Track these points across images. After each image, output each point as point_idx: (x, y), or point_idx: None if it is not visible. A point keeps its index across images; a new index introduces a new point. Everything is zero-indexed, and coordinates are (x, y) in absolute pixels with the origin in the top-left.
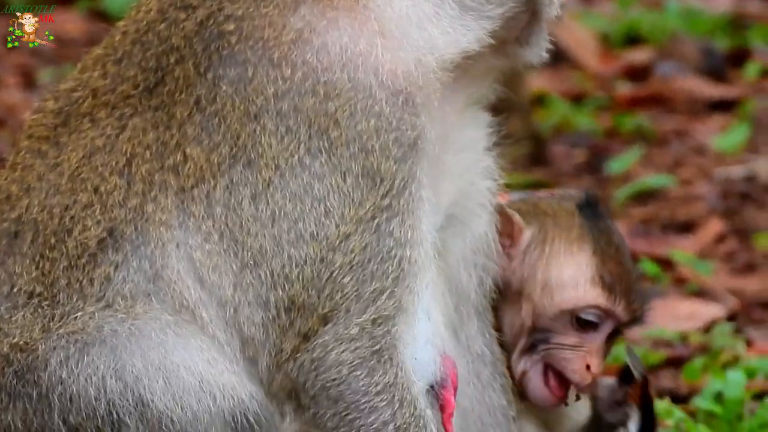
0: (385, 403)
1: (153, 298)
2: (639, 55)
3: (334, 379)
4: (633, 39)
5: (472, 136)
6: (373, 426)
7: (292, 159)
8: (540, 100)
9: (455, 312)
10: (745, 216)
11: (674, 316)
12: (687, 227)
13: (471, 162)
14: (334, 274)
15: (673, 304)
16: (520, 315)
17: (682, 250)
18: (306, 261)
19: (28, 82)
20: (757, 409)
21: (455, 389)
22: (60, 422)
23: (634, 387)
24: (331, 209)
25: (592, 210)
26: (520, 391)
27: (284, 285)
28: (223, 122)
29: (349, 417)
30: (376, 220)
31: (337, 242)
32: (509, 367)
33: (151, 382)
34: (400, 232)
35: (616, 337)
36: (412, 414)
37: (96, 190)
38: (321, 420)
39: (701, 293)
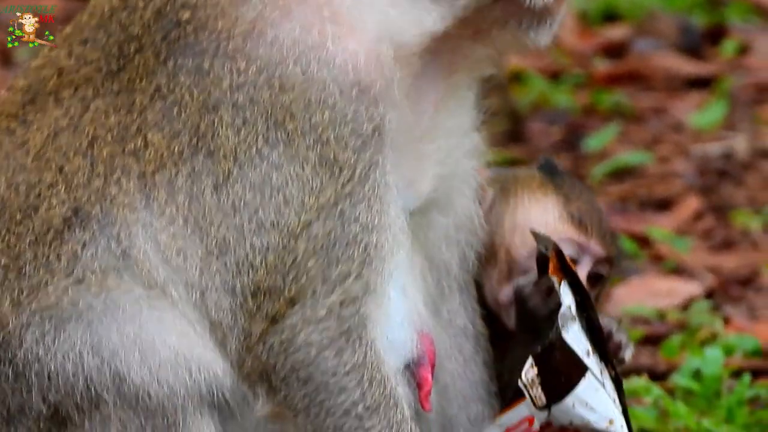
0: (354, 383)
1: (123, 274)
2: (616, 32)
3: (302, 360)
4: (610, 16)
5: (457, 123)
6: (343, 406)
7: (251, 150)
8: (517, 77)
9: (436, 287)
10: (723, 193)
11: (652, 294)
12: (664, 204)
13: (455, 147)
14: (297, 259)
15: (650, 282)
16: (497, 267)
17: (660, 227)
18: (269, 248)
19: (5, 60)
20: (735, 386)
21: (433, 367)
22: (39, 400)
23: (551, 261)
24: (291, 198)
25: (550, 169)
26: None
27: (249, 272)
28: (182, 111)
29: (319, 398)
30: (339, 207)
31: (299, 229)
32: (495, 338)
33: (127, 355)
34: (367, 217)
35: (600, 283)
36: (383, 393)
37: (60, 169)
38: (292, 401)
39: (679, 270)
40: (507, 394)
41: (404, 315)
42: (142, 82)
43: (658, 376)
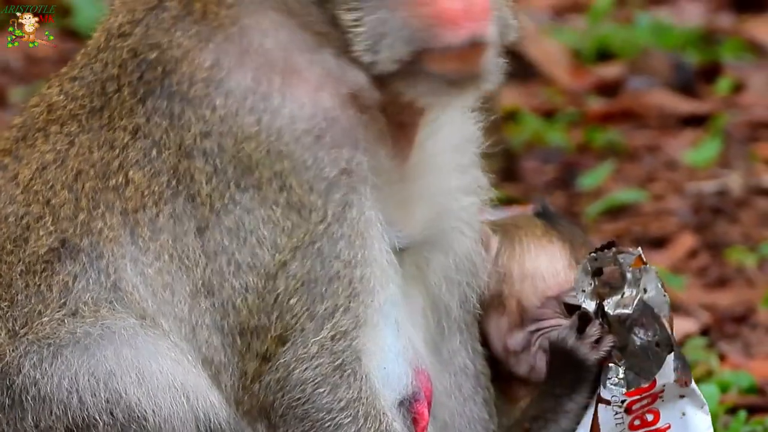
0: (349, 419)
1: (116, 305)
2: (610, 70)
3: (299, 399)
4: (604, 54)
5: (445, 160)
6: None
7: (224, 197)
8: (511, 116)
9: (437, 327)
10: (717, 230)
11: None
12: (659, 242)
13: (446, 184)
14: (279, 298)
15: None
16: (506, 316)
17: (655, 264)
18: (248, 289)
19: (0, 100)
20: (731, 422)
21: (429, 404)
22: (32, 425)
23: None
24: (263, 240)
25: (549, 215)
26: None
27: (233, 313)
28: (161, 152)
29: None
30: (317, 245)
31: (275, 270)
32: (497, 378)
33: (123, 377)
34: (349, 253)
35: None
36: (378, 429)
37: (47, 202)
38: None
39: (674, 308)
40: None
41: (399, 350)
42: (122, 120)
43: None
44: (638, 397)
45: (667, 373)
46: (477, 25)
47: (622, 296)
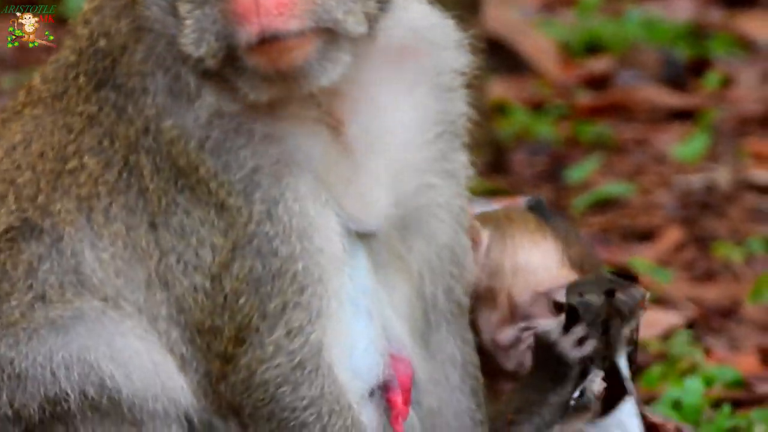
0: (314, 417)
1: (80, 287)
2: (599, 64)
3: (263, 399)
4: (593, 48)
5: (410, 138)
6: None
7: (168, 196)
8: (500, 109)
9: (423, 317)
10: (705, 224)
11: None
12: (646, 235)
13: (404, 160)
14: (228, 299)
15: None
16: (497, 310)
17: (642, 258)
18: (197, 290)
19: None
20: (715, 416)
21: (408, 391)
22: (7, 403)
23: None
24: (204, 240)
25: (541, 210)
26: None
27: (187, 311)
28: (113, 143)
29: None
30: (253, 244)
31: (218, 270)
32: (484, 371)
33: (95, 352)
34: (286, 249)
35: None
36: (344, 425)
37: (12, 181)
38: None
39: (660, 301)
40: (503, 428)
41: (370, 339)
42: (79, 106)
43: None
44: None
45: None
46: (269, 20)
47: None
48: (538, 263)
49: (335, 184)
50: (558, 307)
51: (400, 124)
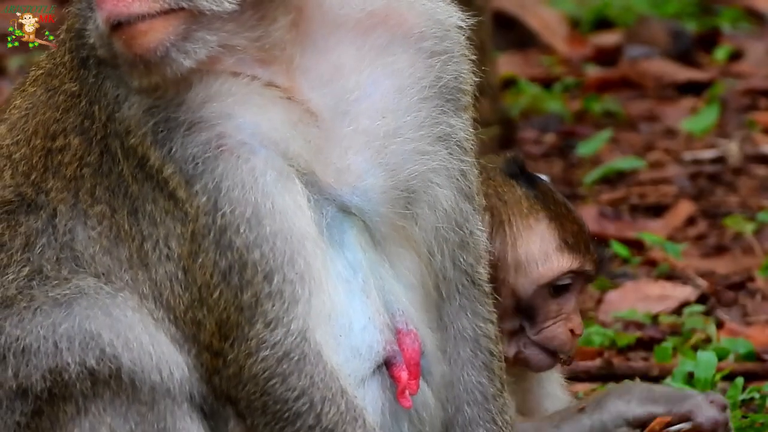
0: (306, 406)
1: (75, 264)
2: (608, 39)
3: (254, 392)
4: (602, 22)
5: (389, 104)
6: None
7: (138, 183)
8: (509, 84)
9: (436, 289)
10: (715, 198)
11: (645, 298)
12: (657, 210)
13: (386, 126)
14: (202, 292)
15: (643, 287)
16: (500, 301)
17: (652, 232)
18: (172, 280)
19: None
20: (728, 389)
21: (416, 365)
22: (12, 376)
23: None
24: (171, 231)
25: (524, 174)
26: (515, 362)
27: (168, 299)
28: (92, 123)
29: (278, 426)
30: (211, 236)
31: (190, 260)
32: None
33: (96, 323)
34: (240, 240)
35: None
36: (338, 411)
37: (9, 156)
38: (257, 430)
39: (671, 275)
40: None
41: (367, 318)
42: (65, 84)
43: (651, 380)
44: None
45: None
46: (114, 5)
47: None
48: (537, 254)
49: (301, 155)
50: (557, 290)
51: (374, 90)
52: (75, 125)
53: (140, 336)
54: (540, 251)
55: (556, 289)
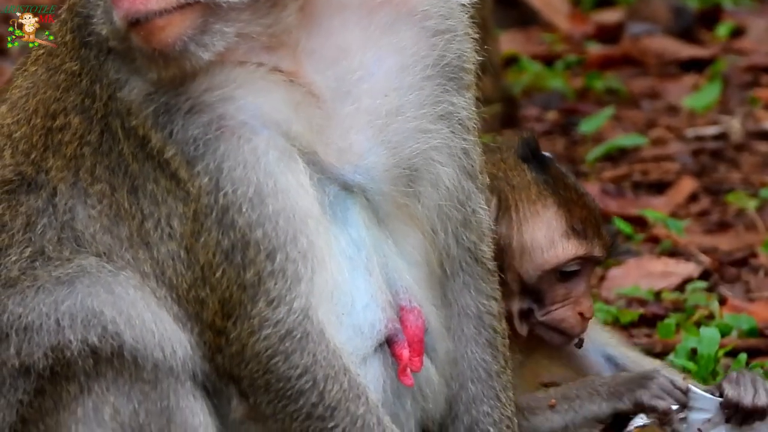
0: (309, 384)
1: (76, 244)
2: (609, 16)
3: (257, 371)
4: (604, 0)
5: (378, 81)
6: (304, 409)
7: (139, 163)
8: (511, 62)
9: (440, 266)
10: (717, 175)
11: (648, 275)
12: (659, 187)
13: (389, 104)
14: (204, 271)
15: (646, 263)
16: (506, 284)
17: (655, 209)
18: (174, 258)
19: (1, 51)
20: (731, 365)
21: (420, 342)
22: (14, 354)
23: None
24: (173, 210)
25: (536, 158)
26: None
27: (170, 276)
28: (93, 102)
29: (281, 404)
30: (214, 215)
31: (192, 240)
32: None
33: (98, 298)
34: (242, 219)
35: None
36: (341, 388)
37: (10, 135)
38: (260, 408)
39: (674, 252)
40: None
41: (370, 296)
42: (65, 63)
43: (655, 356)
44: None
45: None
46: (130, 3)
47: None
48: (543, 240)
49: (303, 135)
50: (566, 276)
51: (377, 69)
52: (75, 104)
53: (143, 313)
54: (545, 238)
55: (563, 274)
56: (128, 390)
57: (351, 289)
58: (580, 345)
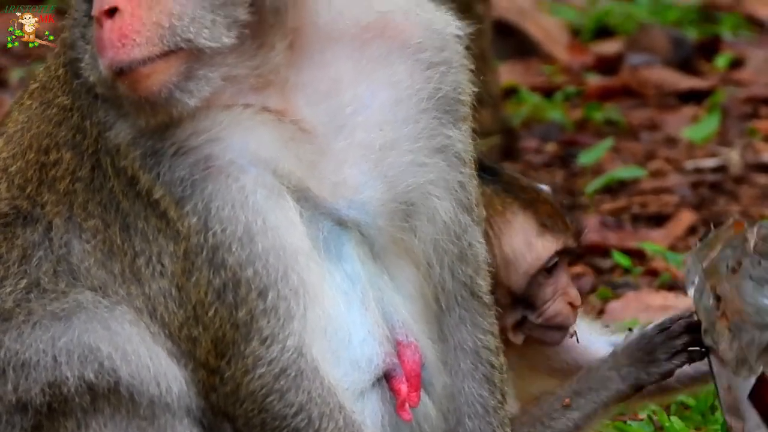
0: (305, 422)
1: (71, 277)
2: (609, 47)
3: (252, 409)
4: (603, 31)
5: (373, 114)
6: None
7: (129, 200)
8: (510, 93)
9: (436, 301)
10: (716, 207)
11: (646, 308)
12: (658, 219)
13: (384, 137)
14: (197, 311)
15: (644, 296)
16: (498, 296)
17: (654, 242)
18: (165, 296)
19: (0, 82)
20: None
21: (417, 376)
22: (11, 390)
23: None
24: (164, 248)
25: (486, 170)
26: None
27: (162, 313)
28: (84, 138)
29: None
30: (204, 254)
31: (184, 278)
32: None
33: (95, 333)
34: (232, 258)
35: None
36: (337, 426)
37: (6, 169)
38: None
39: (673, 285)
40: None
41: (367, 330)
42: (58, 97)
43: None
44: None
45: None
46: (115, 52)
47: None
48: (522, 246)
49: (293, 172)
50: (548, 272)
51: (371, 102)
52: (67, 139)
53: (138, 349)
54: (524, 242)
55: (548, 271)
56: (125, 426)
57: (347, 323)
58: (574, 336)
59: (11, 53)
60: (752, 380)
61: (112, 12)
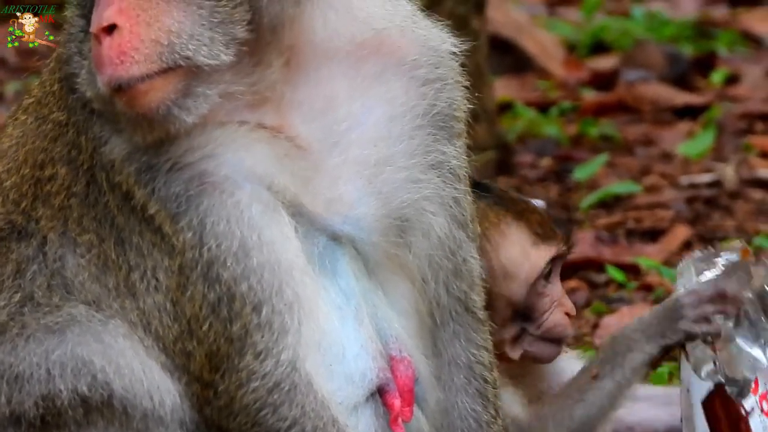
0: None
1: (65, 291)
2: (604, 63)
3: (246, 423)
4: (598, 46)
5: (367, 131)
6: None
7: (124, 216)
8: (505, 108)
9: (430, 316)
10: (711, 223)
11: None
12: (653, 234)
13: (378, 153)
14: (191, 325)
15: (639, 311)
16: (497, 313)
17: (649, 257)
18: (160, 310)
19: None
20: None
21: (410, 391)
22: (5, 402)
23: None
24: (159, 263)
25: (476, 186)
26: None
27: (156, 329)
28: (79, 153)
29: None
30: (199, 269)
31: (179, 293)
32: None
33: (88, 347)
34: (227, 273)
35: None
36: None
37: (1, 184)
38: None
39: None
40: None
41: (360, 345)
42: (53, 113)
43: None
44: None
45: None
46: (113, 69)
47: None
48: (519, 256)
49: (288, 188)
50: (546, 282)
51: (366, 119)
52: (62, 155)
53: (132, 362)
54: (520, 253)
55: (544, 278)
56: None
57: (341, 338)
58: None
59: (7, 67)
60: (709, 384)
61: (111, 29)
